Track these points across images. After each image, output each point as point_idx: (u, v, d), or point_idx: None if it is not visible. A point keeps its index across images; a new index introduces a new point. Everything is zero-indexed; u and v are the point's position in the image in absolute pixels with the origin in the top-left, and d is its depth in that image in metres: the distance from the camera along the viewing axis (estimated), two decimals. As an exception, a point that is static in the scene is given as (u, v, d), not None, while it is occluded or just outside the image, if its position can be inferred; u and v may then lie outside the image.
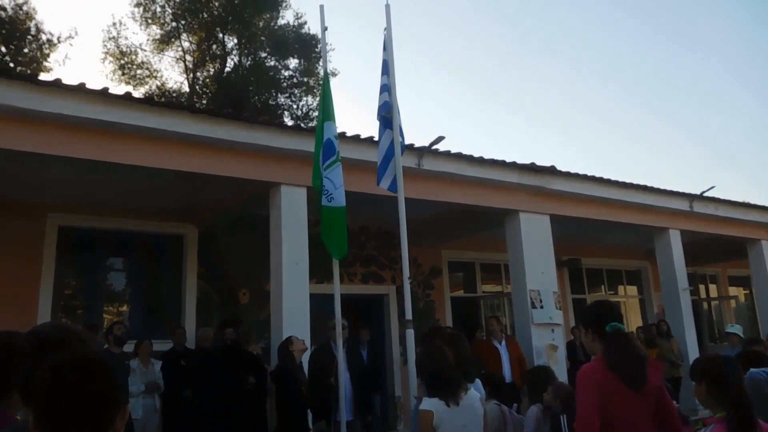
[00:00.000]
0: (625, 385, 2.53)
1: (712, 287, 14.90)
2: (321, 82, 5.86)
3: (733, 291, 15.19)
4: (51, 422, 1.18)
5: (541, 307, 7.86)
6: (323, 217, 5.18)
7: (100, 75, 19.65)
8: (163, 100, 6.20)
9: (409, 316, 4.92)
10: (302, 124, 7.18)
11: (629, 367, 2.56)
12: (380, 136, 5.51)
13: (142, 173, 5.94)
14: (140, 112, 5.43)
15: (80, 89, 5.09)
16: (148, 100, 5.67)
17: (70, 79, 5.08)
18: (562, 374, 6.98)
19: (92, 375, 1.19)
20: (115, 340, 5.94)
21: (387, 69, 5.48)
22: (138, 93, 14.08)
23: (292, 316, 5.82)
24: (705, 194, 10.10)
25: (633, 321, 13.03)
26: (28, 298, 6.86)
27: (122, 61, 16.45)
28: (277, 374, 5.16)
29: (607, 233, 10.57)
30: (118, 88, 5.55)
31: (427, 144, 6.97)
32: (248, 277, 8.28)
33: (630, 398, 2.54)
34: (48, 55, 15.53)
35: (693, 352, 9.50)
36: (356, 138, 6.51)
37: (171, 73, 24.90)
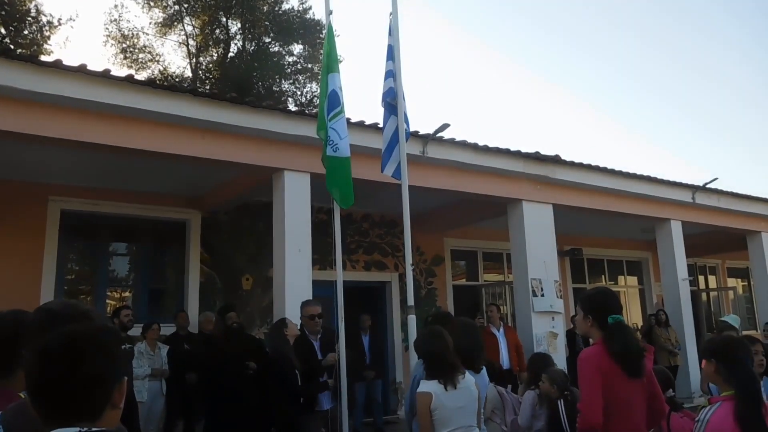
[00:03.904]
0: (624, 373, 2.71)
1: (712, 278, 14.95)
2: (325, 33, 5.73)
3: (731, 282, 15.24)
4: (44, 405, 1.16)
5: (542, 295, 7.90)
6: (328, 166, 5.15)
7: (101, 58, 19.52)
8: (165, 84, 6.15)
9: (411, 302, 4.92)
10: (306, 110, 7.12)
11: (630, 359, 2.73)
12: (385, 123, 5.47)
13: (144, 157, 5.92)
14: (142, 95, 5.39)
15: (81, 71, 5.03)
16: (150, 83, 5.63)
17: (70, 62, 5.03)
18: (561, 362, 7.05)
19: (82, 356, 1.15)
20: (120, 326, 5.94)
21: (392, 54, 5.43)
22: (140, 77, 13.99)
23: (295, 302, 5.81)
24: (707, 185, 10.08)
25: (633, 311, 13.08)
26: (31, 283, 6.85)
27: (124, 45, 16.32)
28: (274, 359, 5.10)
29: (609, 223, 10.57)
30: (120, 72, 5.50)
31: (431, 131, 6.95)
32: (252, 262, 8.29)
33: (628, 383, 2.73)
34: (48, 38, 15.38)
35: (690, 342, 9.58)
36: (361, 124, 6.48)
37: (173, 57, 24.81)
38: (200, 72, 16.31)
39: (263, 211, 7.25)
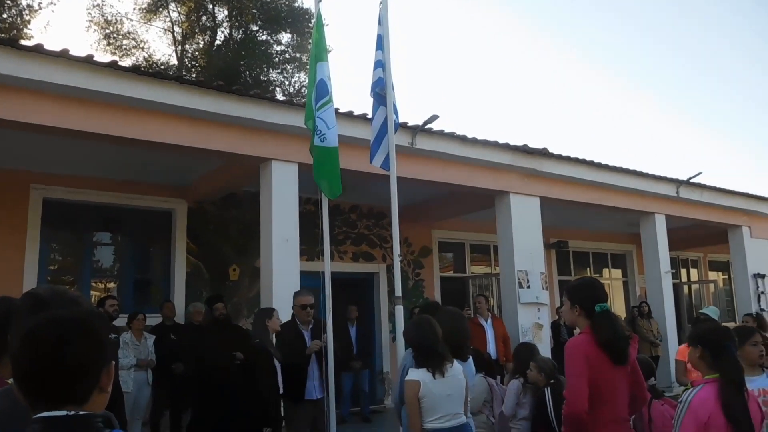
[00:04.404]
0: (611, 361, 2.78)
1: (693, 271, 15.18)
2: (314, 22, 5.67)
3: (712, 275, 15.50)
4: (31, 389, 1.14)
5: (528, 287, 7.97)
6: (316, 157, 5.12)
7: (84, 44, 19.11)
8: (150, 71, 6.04)
9: (398, 293, 4.92)
10: (294, 100, 7.08)
11: (616, 347, 2.80)
12: (374, 114, 5.43)
13: (129, 146, 5.84)
14: (126, 82, 5.31)
15: (63, 56, 4.94)
16: (134, 69, 5.55)
17: (52, 47, 4.92)
18: (545, 353, 7.14)
19: (69, 340, 1.14)
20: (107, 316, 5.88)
21: (382, 44, 5.39)
22: (124, 63, 13.75)
23: (282, 292, 5.80)
24: (691, 180, 10.20)
25: (617, 303, 13.24)
26: (13, 273, 6.72)
27: (107, 31, 16.00)
28: (252, 351, 5.06)
29: (594, 217, 10.67)
30: (103, 58, 5.41)
31: (420, 123, 6.94)
32: (239, 253, 8.25)
33: (613, 371, 2.80)
34: (29, 22, 15.03)
35: (672, 333, 9.74)
36: (349, 114, 6.46)
37: (158, 44, 24.41)
38: (186, 60, 16.07)
39: (250, 201, 7.21)
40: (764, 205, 11.67)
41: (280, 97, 8.27)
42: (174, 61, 16.01)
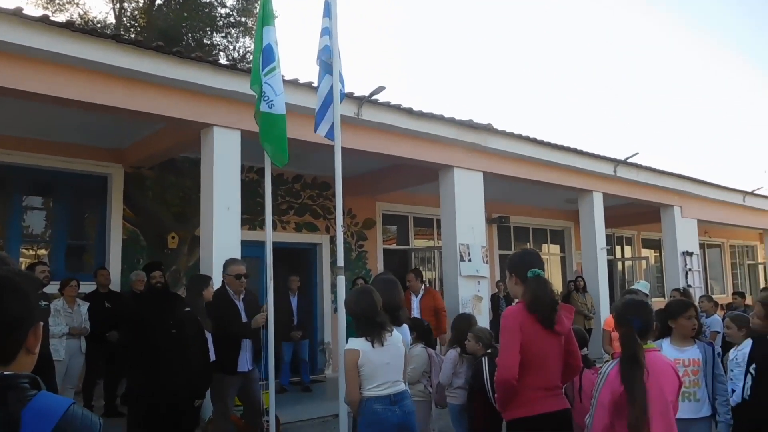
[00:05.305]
0: (542, 326, 2.87)
1: (627, 248, 15.91)
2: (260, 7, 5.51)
3: (645, 252, 16.28)
4: None
5: (469, 260, 8.15)
6: (262, 123, 5.02)
7: (13, -3, 17.86)
8: (85, 28, 5.67)
9: (340, 263, 4.93)
10: (238, 65, 6.87)
11: (543, 309, 2.89)
12: (319, 82, 5.34)
13: (61, 106, 5.56)
14: (59, 38, 5.02)
15: (-11, 7, 4.64)
16: (68, 26, 5.23)
17: (-23, -3, 4.61)
18: (484, 325, 7.33)
19: None
20: (36, 281, 5.64)
21: (329, 11, 5.28)
22: (57, 19, 12.93)
23: (223, 261, 5.71)
24: (629, 160, 10.61)
25: (554, 278, 13.75)
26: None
27: (39, -16, 14.99)
28: (186, 320, 4.95)
29: (535, 193, 10.96)
30: (35, 12, 5.08)
31: (367, 93, 6.89)
32: (178, 220, 8.05)
33: (546, 338, 2.90)
34: (-49, -30, 13.90)
35: (605, 307, 10.20)
36: (295, 82, 6.34)
37: (95, 1, 23.12)
38: (124, 19, 15.27)
39: (191, 168, 7.02)
40: (695, 185, 12.30)
41: (223, 61, 7.98)
42: (111, 19, 15.20)
